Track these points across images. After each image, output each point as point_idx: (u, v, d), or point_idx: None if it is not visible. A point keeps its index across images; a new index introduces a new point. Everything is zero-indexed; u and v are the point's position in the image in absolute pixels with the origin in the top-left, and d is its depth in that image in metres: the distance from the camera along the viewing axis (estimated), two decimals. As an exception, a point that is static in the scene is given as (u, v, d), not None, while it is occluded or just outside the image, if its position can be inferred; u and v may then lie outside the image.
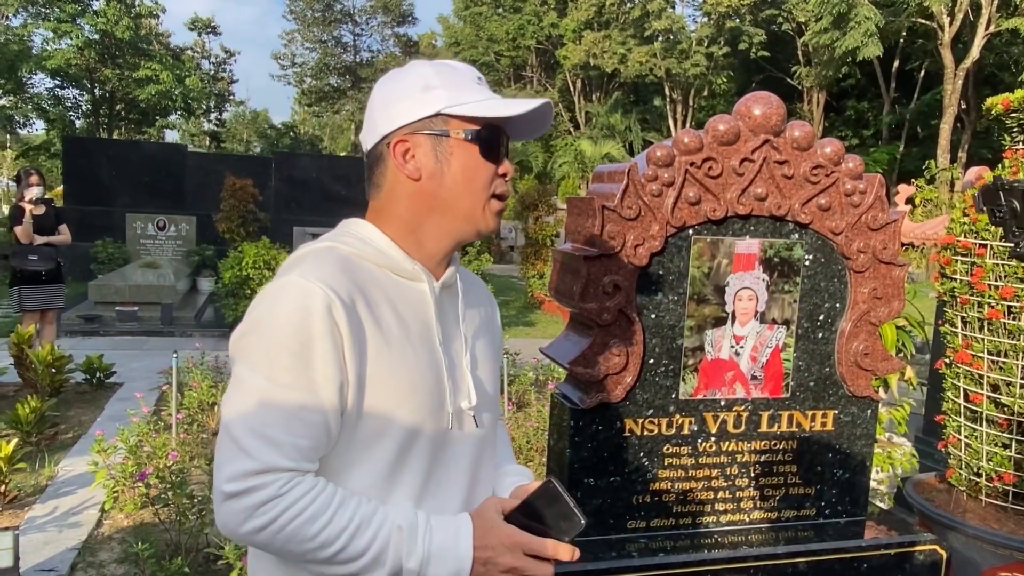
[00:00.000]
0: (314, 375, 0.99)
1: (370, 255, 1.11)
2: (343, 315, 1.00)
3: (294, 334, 0.98)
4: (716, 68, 32.05)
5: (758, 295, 1.80)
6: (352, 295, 1.03)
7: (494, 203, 1.14)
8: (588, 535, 1.79)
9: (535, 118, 1.16)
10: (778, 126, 1.73)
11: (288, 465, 0.98)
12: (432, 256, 1.16)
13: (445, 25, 43.45)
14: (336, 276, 1.03)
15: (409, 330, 1.10)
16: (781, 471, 1.92)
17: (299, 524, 0.97)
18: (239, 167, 14.33)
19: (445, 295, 1.18)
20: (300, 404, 0.98)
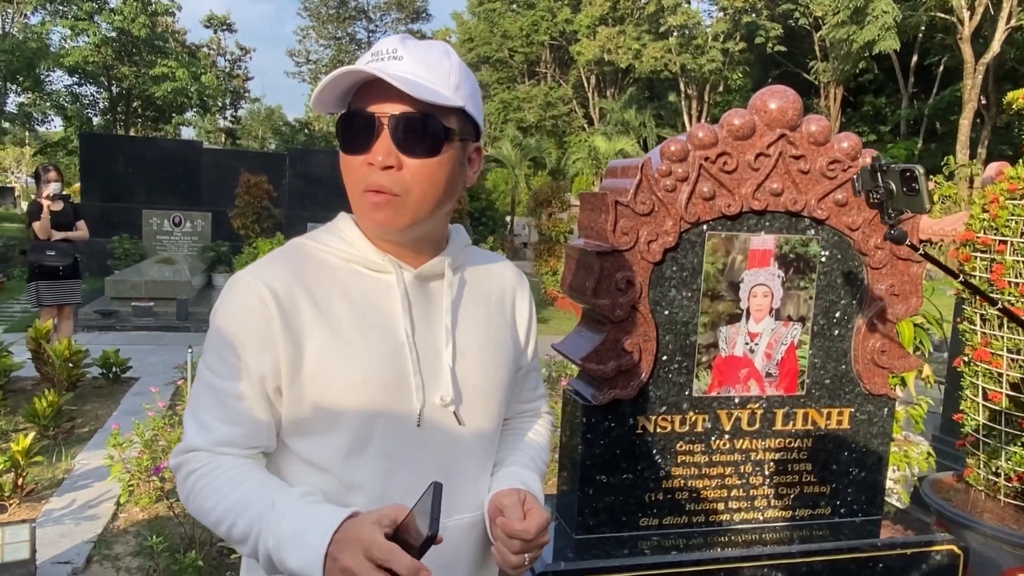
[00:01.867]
0: (241, 365, 1.02)
1: (337, 248, 1.09)
2: (275, 309, 1.01)
3: (228, 327, 1.04)
4: (732, 63, 31.85)
5: (773, 292, 1.78)
6: (293, 289, 1.03)
7: (367, 197, 1.02)
8: (600, 532, 1.79)
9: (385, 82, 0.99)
10: (794, 120, 1.71)
11: (209, 446, 1.04)
12: (400, 248, 1.10)
13: (459, 21, 43.43)
14: (281, 272, 1.05)
15: (365, 322, 1.06)
16: (796, 469, 1.90)
17: (203, 499, 1.02)
18: (254, 164, 14.39)
19: (425, 285, 1.12)
20: (226, 392, 1.03)
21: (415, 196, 1.03)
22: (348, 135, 1.03)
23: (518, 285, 1.28)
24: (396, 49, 1.01)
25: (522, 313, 1.28)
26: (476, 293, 1.20)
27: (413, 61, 1.01)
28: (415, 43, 1.04)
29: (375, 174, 1.01)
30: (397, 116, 1.00)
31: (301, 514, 0.95)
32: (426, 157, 1.02)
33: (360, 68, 0.99)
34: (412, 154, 1.01)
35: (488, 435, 1.18)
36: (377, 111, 1.00)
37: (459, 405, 1.12)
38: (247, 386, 1.03)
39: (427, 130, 1.01)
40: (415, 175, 1.02)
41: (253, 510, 0.97)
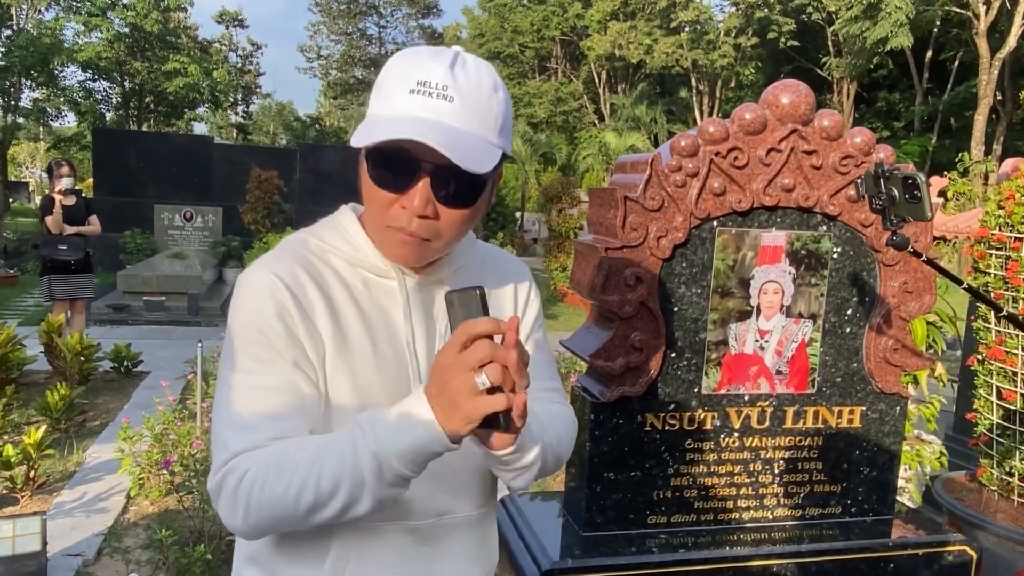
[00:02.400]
0: (277, 357, 0.98)
1: (343, 251, 1.06)
2: (292, 305, 0.99)
3: (252, 325, 0.99)
4: (744, 59, 31.66)
5: (784, 288, 1.76)
6: (306, 287, 1.01)
7: (389, 233, 0.98)
8: (608, 530, 1.77)
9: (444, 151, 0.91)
10: (806, 115, 1.69)
11: (261, 444, 0.96)
12: None
13: (470, 17, 43.38)
14: (294, 266, 1.02)
15: (373, 330, 1.04)
16: (806, 468, 1.88)
17: (272, 484, 0.92)
18: (265, 159, 14.45)
19: (427, 289, 1.09)
20: (267, 387, 0.98)
21: (445, 240, 1.01)
22: (382, 170, 0.96)
23: (523, 279, 1.25)
24: (447, 87, 0.93)
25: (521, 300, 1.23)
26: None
27: (466, 106, 0.94)
28: (464, 75, 0.95)
29: (406, 218, 0.96)
30: (444, 169, 0.93)
31: (387, 413, 0.92)
32: (464, 208, 0.99)
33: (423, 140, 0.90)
34: (451, 205, 0.97)
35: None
36: (422, 156, 0.93)
37: None
38: (288, 375, 0.98)
39: (468, 185, 0.97)
40: (449, 223, 0.99)
41: (337, 442, 0.92)
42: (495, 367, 0.86)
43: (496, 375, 0.86)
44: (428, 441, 0.90)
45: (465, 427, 0.89)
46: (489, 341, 0.86)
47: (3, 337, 5.17)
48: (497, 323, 0.87)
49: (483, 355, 0.86)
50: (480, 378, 0.86)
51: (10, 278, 11.95)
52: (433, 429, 0.89)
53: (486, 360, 0.86)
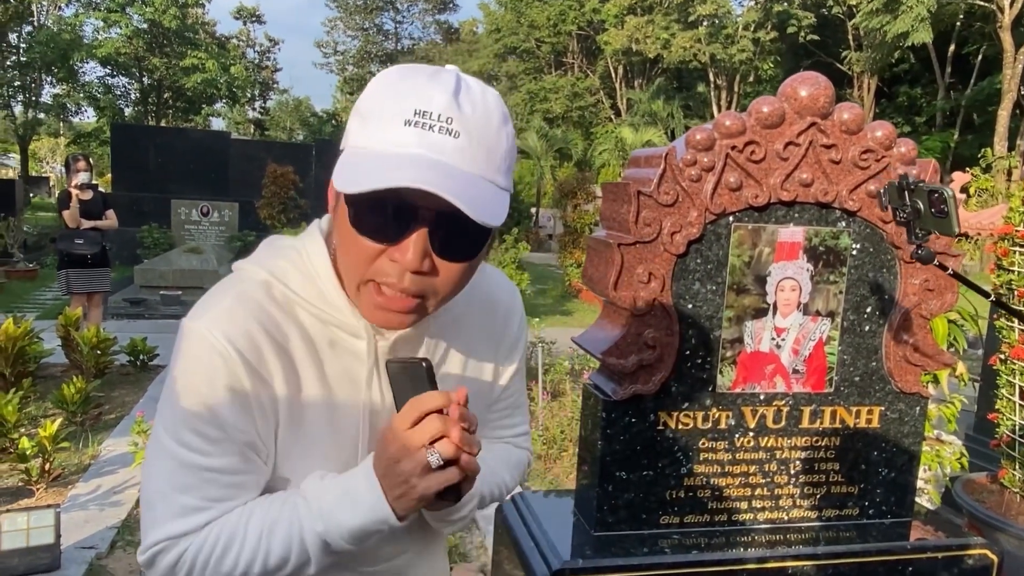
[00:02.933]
0: (221, 436, 0.89)
1: (311, 305, 0.93)
2: (245, 374, 0.88)
3: (199, 399, 0.88)
4: (763, 53, 31.41)
5: (801, 285, 1.73)
6: (265, 349, 0.89)
7: (372, 289, 0.85)
8: (620, 529, 1.75)
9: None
10: (826, 108, 1.65)
11: (198, 527, 0.90)
12: None
13: (486, 12, 43.32)
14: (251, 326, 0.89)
15: (332, 399, 0.94)
16: (823, 469, 1.84)
17: (215, 564, 0.88)
18: (281, 154, 14.53)
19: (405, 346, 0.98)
20: (215, 468, 0.89)
21: (440, 298, 0.88)
22: (370, 217, 0.82)
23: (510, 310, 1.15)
24: (451, 119, 0.80)
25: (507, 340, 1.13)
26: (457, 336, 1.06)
27: (472, 143, 0.81)
28: (471, 105, 0.82)
29: (396, 273, 0.83)
30: (446, 218, 0.80)
31: (332, 485, 0.89)
32: (464, 261, 0.87)
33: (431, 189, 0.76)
34: (451, 258, 0.85)
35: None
36: (418, 203, 0.80)
37: None
38: (237, 458, 0.90)
39: (472, 235, 0.85)
40: (447, 278, 0.86)
41: (283, 519, 0.88)
42: (447, 443, 0.82)
43: (449, 451, 0.82)
44: (375, 523, 0.87)
45: (417, 506, 0.86)
46: (440, 416, 0.82)
47: (21, 330, 5.22)
48: (447, 396, 0.83)
49: (434, 431, 0.82)
50: (433, 456, 0.82)
51: (29, 272, 12.10)
52: (382, 510, 0.86)
53: (437, 436, 0.82)
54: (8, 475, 4.00)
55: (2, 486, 3.89)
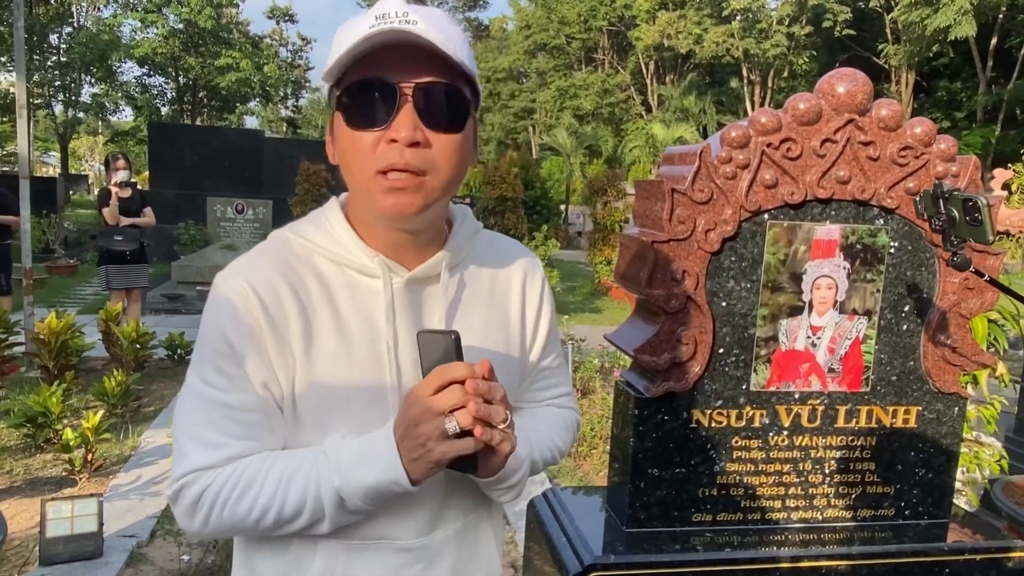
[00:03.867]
0: (244, 374, 0.94)
1: (327, 250, 0.99)
2: (262, 316, 0.94)
3: (218, 334, 0.95)
4: (797, 48, 30.93)
5: (838, 284, 1.71)
6: (280, 296, 0.95)
7: (380, 180, 0.90)
8: (651, 526, 1.75)
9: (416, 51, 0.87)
10: (863, 104, 1.63)
11: (221, 462, 0.95)
12: (391, 244, 1.00)
13: (516, 8, 43.30)
14: (269, 271, 0.97)
15: (351, 336, 0.97)
16: (858, 468, 1.82)
17: (234, 503, 0.93)
18: (313, 152, 14.65)
19: (418, 289, 1.02)
20: (234, 405, 0.95)
21: (442, 176, 0.92)
22: (360, 107, 0.90)
23: (528, 275, 1.15)
24: (407, 13, 0.88)
25: (530, 308, 1.14)
26: (477, 292, 1.08)
27: (429, 25, 0.88)
28: (419, 7, 0.91)
29: (396, 152, 0.88)
30: (424, 86, 0.88)
31: (354, 444, 0.92)
32: (451, 132, 0.91)
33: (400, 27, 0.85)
34: (440, 129, 0.90)
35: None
36: (400, 80, 0.88)
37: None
38: (255, 397, 0.95)
39: (452, 101, 0.90)
40: (443, 152, 0.91)
41: (302, 471, 0.92)
42: (465, 412, 0.86)
43: (466, 420, 0.86)
44: (389, 483, 0.90)
45: (431, 470, 0.89)
46: (461, 387, 0.86)
47: (64, 324, 5.36)
48: (472, 368, 0.87)
49: (455, 400, 0.86)
50: (450, 424, 0.86)
51: (70, 267, 12.39)
52: (396, 470, 0.89)
53: (457, 405, 0.86)
54: (52, 465, 4.12)
55: (47, 475, 4.01)
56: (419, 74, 0.88)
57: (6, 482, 3.95)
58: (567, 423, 1.23)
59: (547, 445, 1.14)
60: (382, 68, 0.88)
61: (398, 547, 1.01)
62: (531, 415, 1.19)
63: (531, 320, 1.14)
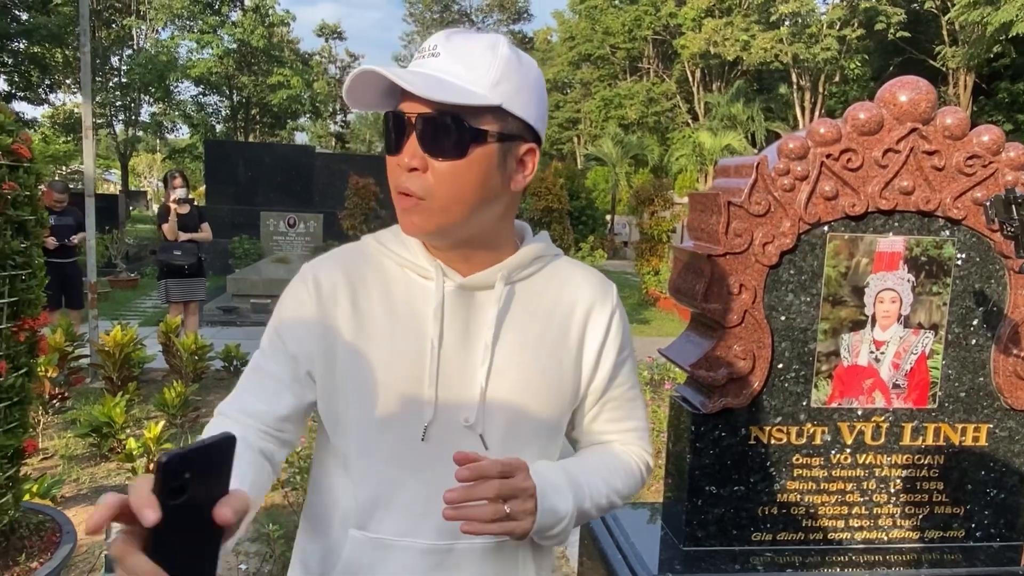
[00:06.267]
0: (282, 346, 1.05)
1: (394, 252, 1.07)
2: (316, 300, 1.04)
3: (280, 311, 1.07)
4: (849, 52, 30.24)
5: (902, 297, 1.66)
6: (338, 285, 1.05)
7: (398, 200, 1.00)
8: (710, 545, 1.72)
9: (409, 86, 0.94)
10: (927, 113, 1.59)
11: (233, 412, 1.05)
12: (449, 257, 1.05)
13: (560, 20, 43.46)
14: (334, 267, 1.07)
15: (400, 328, 1.03)
16: (925, 488, 1.76)
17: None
18: (362, 167, 14.90)
19: (471, 296, 1.05)
20: (264, 368, 1.06)
21: (440, 200, 0.97)
22: (386, 135, 1.01)
23: (597, 302, 1.12)
24: (437, 46, 0.97)
25: (595, 336, 1.11)
26: (535, 309, 1.08)
27: (451, 58, 0.96)
28: (462, 38, 0.97)
29: (403, 176, 0.98)
30: (422, 116, 0.95)
31: None
32: (452, 159, 0.96)
33: (373, 69, 0.95)
34: (437, 156, 0.96)
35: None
36: (407, 110, 0.96)
37: (487, 429, 1.02)
38: (283, 368, 1.04)
39: (450, 131, 0.95)
40: (439, 178, 0.96)
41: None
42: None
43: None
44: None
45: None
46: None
47: (128, 337, 5.54)
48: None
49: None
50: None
51: (131, 281, 12.81)
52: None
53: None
54: (116, 474, 4.25)
55: (111, 484, 4.14)
56: (425, 105, 0.95)
57: (73, 490, 4.09)
58: (632, 466, 1.18)
59: (605, 491, 1.11)
60: (406, 99, 0.97)
61: (422, 548, 1.02)
62: (594, 455, 1.17)
63: (593, 346, 1.11)
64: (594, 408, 1.16)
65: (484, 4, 47.11)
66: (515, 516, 0.93)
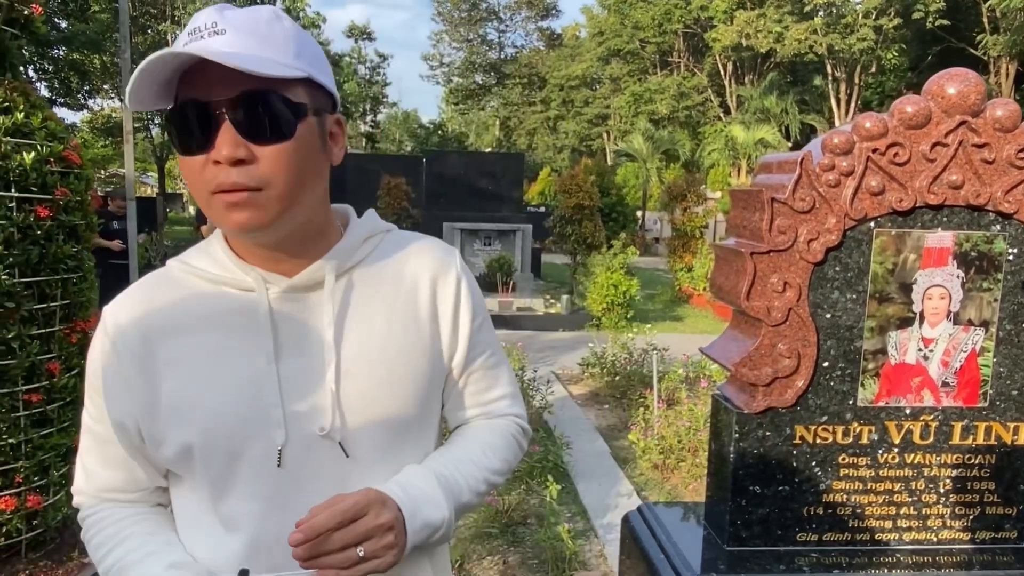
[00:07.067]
0: (103, 410, 0.96)
1: (202, 270, 0.96)
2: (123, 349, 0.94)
3: (90, 367, 0.98)
4: (886, 41, 29.62)
5: (951, 293, 1.63)
6: (147, 324, 0.94)
7: (217, 199, 0.86)
8: (754, 545, 1.70)
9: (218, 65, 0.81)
10: (976, 105, 1.55)
11: (92, 492, 1.00)
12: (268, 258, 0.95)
13: (589, 16, 43.29)
14: (136, 301, 0.96)
15: (227, 351, 0.93)
16: (976, 488, 1.73)
17: (92, 549, 0.98)
18: (393, 166, 15.04)
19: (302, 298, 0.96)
20: (100, 435, 0.98)
21: (278, 187, 0.87)
22: (183, 133, 0.86)
23: (440, 272, 1.05)
24: (216, 23, 0.84)
25: (445, 305, 1.04)
26: (376, 293, 1.00)
27: (239, 33, 0.84)
28: (236, 11, 0.86)
29: (223, 172, 0.85)
30: (235, 99, 0.83)
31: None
32: (279, 142, 0.86)
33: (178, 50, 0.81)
34: (262, 141, 0.85)
35: (392, 463, 1.00)
36: (211, 98, 0.84)
37: (347, 435, 0.95)
38: (113, 432, 0.96)
39: (274, 109, 0.85)
40: (272, 164, 0.86)
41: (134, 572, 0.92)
42: None
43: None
44: None
45: None
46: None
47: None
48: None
49: None
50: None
51: (171, 282, 13.05)
52: None
53: None
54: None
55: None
56: (232, 87, 0.83)
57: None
58: (508, 438, 1.12)
59: (482, 476, 1.05)
60: (197, 87, 0.84)
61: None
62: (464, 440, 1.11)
63: (447, 318, 1.05)
64: (459, 382, 1.10)
65: (512, 1, 47.08)
66: (373, 555, 0.87)
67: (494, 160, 16.30)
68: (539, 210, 19.89)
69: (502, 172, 14.37)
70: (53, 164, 2.81)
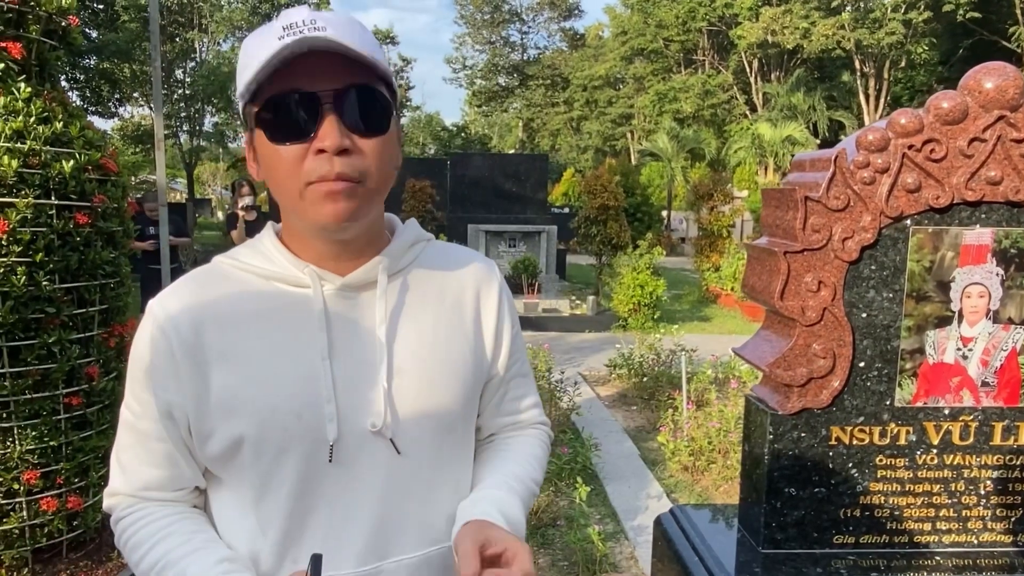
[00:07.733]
0: (154, 401, 0.94)
1: (256, 266, 0.97)
2: (176, 341, 0.93)
3: (136, 362, 0.96)
4: (915, 35, 29.11)
5: (991, 291, 1.60)
6: (199, 318, 0.93)
7: (314, 189, 0.87)
8: (789, 547, 1.69)
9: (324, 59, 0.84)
10: (1015, 100, 1.52)
11: (132, 491, 0.98)
12: (325, 256, 0.97)
13: (612, 15, 43.15)
14: (186, 298, 0.95)
15: (278, 347, 0.94)
16: (1018, 489, 1.69)
17: (129, 550, 0.97)
18: (418, 169, 15.08)
19: (355, 296, 0.97)
20: (143, 431, 0.96)
21: (374, 181, 0.90)
22: (281, 122, 0.87)
23: (483, 282, 1.08)
24: (315, 20, 0.85)
25: (488, 314, 1.07)
26: (424, 298, 1.02)
27: (340, 30, 0.85)
28: (327, 12, 0.89)
29: (326, 162, 0.85)
30: (341, 91, 0.85)
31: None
32: (379, 135, 0.89)
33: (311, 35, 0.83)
34: (366, 133, 0.88)
35: (439, 462, 1.02)
36: (319, 88, 0.85)
37: (397, 432, 0.96)
38: (161, 425, 0.95)
39: (377, 103, 0.88)
40: (372, 157, 0.88)
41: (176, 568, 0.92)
42: None
43: None
44: None
45: None
46: None
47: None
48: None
49: None
50: None
51: (201, 286, 13.24)
52: None
53: None
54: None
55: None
56: (337, 80, 0.86)
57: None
58: (543, 447, 1.18)
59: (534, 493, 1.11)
60: (299, 78, 0.86)
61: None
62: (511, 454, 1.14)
63: (490, 326, 1.08)
64: (499, 390, 1.12)
65: (535, 3, 47.10)
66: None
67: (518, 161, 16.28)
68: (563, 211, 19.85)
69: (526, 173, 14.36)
70: (91, 172, 2.87)
